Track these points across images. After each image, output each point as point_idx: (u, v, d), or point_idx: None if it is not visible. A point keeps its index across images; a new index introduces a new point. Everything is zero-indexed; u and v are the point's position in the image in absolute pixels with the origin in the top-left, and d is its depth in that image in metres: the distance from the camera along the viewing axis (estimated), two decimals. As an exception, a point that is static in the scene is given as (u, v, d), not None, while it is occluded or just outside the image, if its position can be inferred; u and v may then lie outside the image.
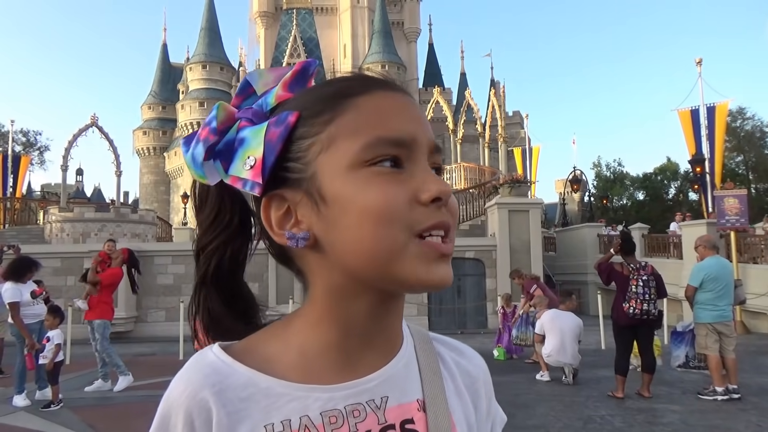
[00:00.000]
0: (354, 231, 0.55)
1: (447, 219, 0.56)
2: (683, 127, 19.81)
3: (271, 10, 60.33)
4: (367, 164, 0.56)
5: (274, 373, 0.58)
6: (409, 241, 0.55)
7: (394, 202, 0.54)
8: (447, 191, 0.56)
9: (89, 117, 25.39)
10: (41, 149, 44.98)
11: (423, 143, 0.58)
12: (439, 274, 0.56)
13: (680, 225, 17.03)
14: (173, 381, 0.59)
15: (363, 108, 0.58)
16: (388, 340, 0.63)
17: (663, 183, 49.41)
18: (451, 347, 0.72)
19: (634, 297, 6.60)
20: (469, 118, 33.01)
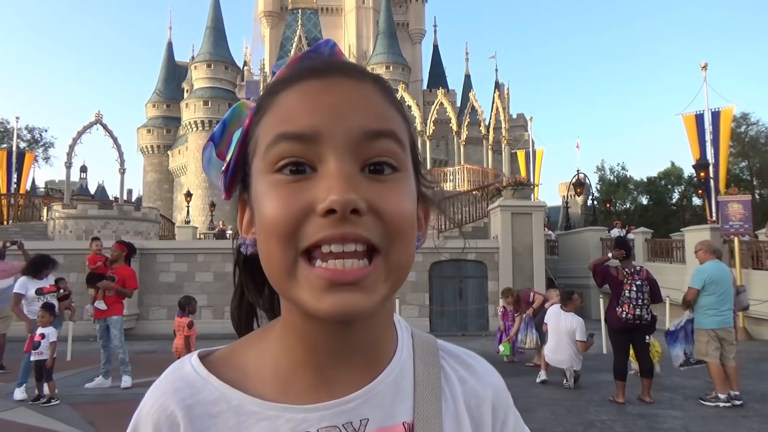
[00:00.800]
0: (260, 245, 0.52)
1: (341, 231, 0.48)
2: (688, 132, 19.77)
3: (277, 10, 60.43)
4: (272, 170, 0.51)
5: (249, 388, 0.55)
6: (298, 263, 0.49)
7: (283, 215, 0.48)
8: (344, 200, 0.47)
9: (94, 114, 25.45)
10: (46, 146, 45.10)
11: (335, 135, 0.49)
12: (327, 304, 0.48)
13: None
14: (147, 392, 0.57)
15: (279, 104, 0.52)
16: (370, 355, 0.57)
17: (667, 187, 49.30)
18: (460, 361, 0.64)
19: (627, 302, 6.59)
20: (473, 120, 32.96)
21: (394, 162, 0.51)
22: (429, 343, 0.63)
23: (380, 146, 0.51)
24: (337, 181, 0.48)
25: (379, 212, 0.49)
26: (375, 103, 0.52)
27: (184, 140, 53.73)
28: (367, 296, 0.49)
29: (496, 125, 30.53)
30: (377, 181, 0.50)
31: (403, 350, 0.60)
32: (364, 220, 0.49)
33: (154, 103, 59.22)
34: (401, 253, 0.51)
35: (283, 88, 0.53)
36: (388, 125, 0.52)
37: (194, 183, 48.83)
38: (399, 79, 47.85)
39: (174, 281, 14.98)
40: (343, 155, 0.49)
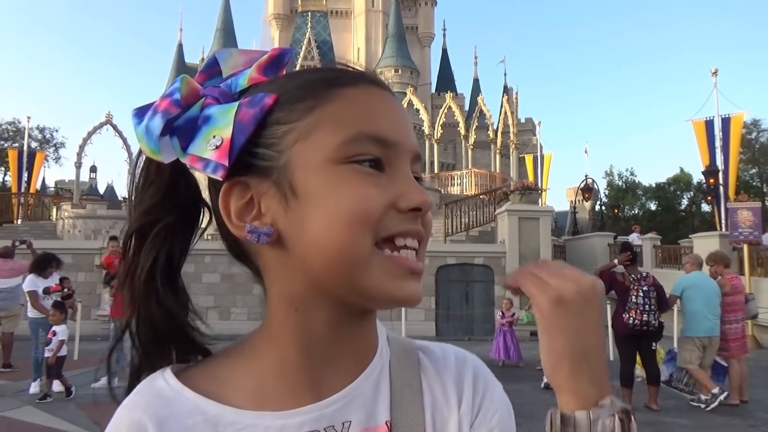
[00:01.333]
0: (322, 231, 0.50)
1: (418, 228, 0.54)
2: (697, 138, 19.65)
3: (286, 13, 60.76)
4: (346, 161, 0.51)
5: (226, 398, 0.54)
6: (375, 252, 0.51)
7: (370, 205, 0.51)
8: (428, 202, 0.53)
9: (104, 115, 25.65)
10: (57, 146, 45.47)
11: (407, 148, 0.55)
12: (408, 291, 0.52)
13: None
14: (120, 406, 0.55)
15: (351, 100, 0.53)
16: (355, 357, 0.57)
17: (676, 194, 49.08)
18: (432, 354, 0.64)
19: (634, 307, 6.55)
20: (482, 124, 32.95)
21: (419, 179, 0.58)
22: (403, 343, 0.64)
23: (418, 166, 0.57)
24: (416, 185, 0.54)
25: (425, 220, 0.55)
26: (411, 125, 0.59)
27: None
28: (421, 287, 0.55)
29: (504, 129, 30.52)
30: None
31: (382, 350, 0.60)
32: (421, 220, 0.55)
33: (164, 104, 59.67)
34: (424, 257, 0.56)
35: (346, 84, 0.54)
36: (418, 150, 0.58)
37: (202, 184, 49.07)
38: (407, 83, 47.93)
39: (181, 282, 15.06)
40: (408, 164, 0.55)
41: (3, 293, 8.66)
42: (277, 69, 0.58)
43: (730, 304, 7.08)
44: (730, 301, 7.08)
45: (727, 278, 7.21)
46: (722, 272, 7.24)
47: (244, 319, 14.20)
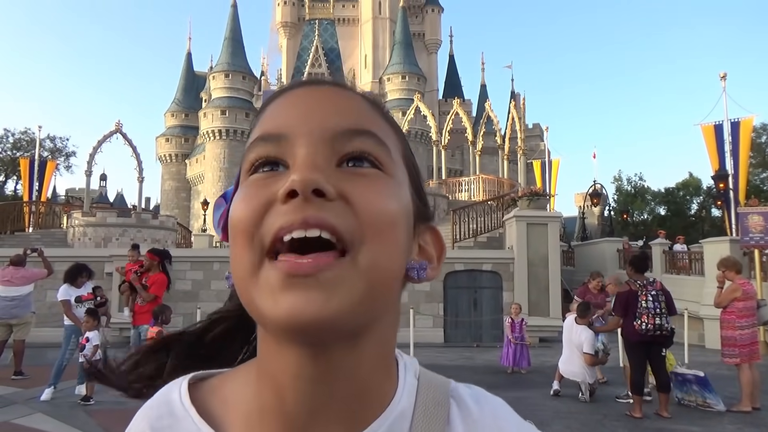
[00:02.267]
0: (231, 258, 0.47)
1: (302, 215, 0.42)
2: (706, 142, 19.54)
3: (294, 21, 61.09)
4: (249, 174, 0.47)
5: (223, 426, 0.50)
6: (262, 264, 0.43)
7: (245, 210, 0.44)
8: (305, 179, 0.42)
9: (114, 124, 25.87)
10: (68, 154, 45.89)
11: (306, 131, 0.46)
12: (283, 305, 0.41)
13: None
14: (137, 412, 0.55)
15: (261, 118, 0.50)
16: (354, 408, 0.47)
17: (685, 198, 48.67)
18: (466, 409, 0.52)
19: (645, 312, 6.48)
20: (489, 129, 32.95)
21: (375, 160, 0.47)
22: (437, 390, 0.52)
23: (358, 143, 0.46)
24: (300, 162, 0.44)
25: (351, 201, 0.44)
26: (356, 107, 0.49)
27: (201, 149, 54.32)
28: (326, 297, 0.41)
29: (511, 135, 30.44)
30: (355, 174, 0.46)
31: (401, 399, 0.49)
32: (331, 206, 0.43)
33: (173, 112, 60.03)
34: (376, 253, 0.43)
35: (268, 104, 0.51)
36: (366, 126, 0.48)
37: (211, 191, 49.28)
38: (415, 89, 47.97)
39: (190, 289, 15.10)
40: (315, 147, 0.45)
41: (15, 301, 8.74)
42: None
43: (742, 310, 7.01)
44: (742, 307, 7.02)
45: (739, 283, 7.15)
46: (733, 278, 7.18)
47: (253, 326, 14.20)
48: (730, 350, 7.00)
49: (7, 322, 8.73)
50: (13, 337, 8.84)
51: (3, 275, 8.77)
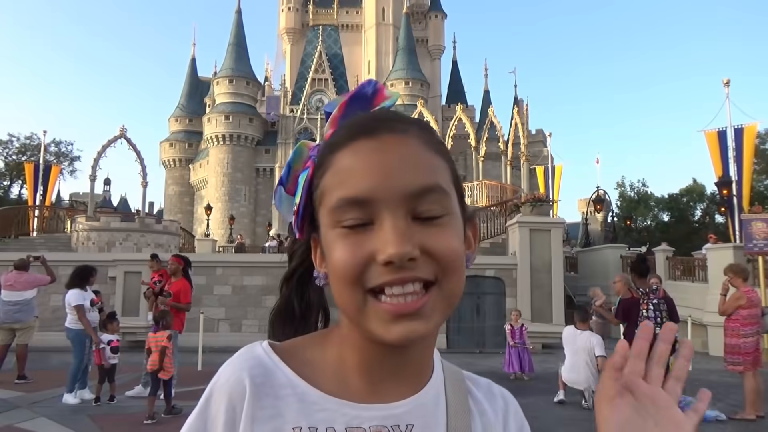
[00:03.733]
0: (333, 285, 0.60)
1: (400, 276, 0.56)
2: (710, 149, 19.50)
3: (298, 27, 61.32)
4: (336, 225, 0.58)
5: (311, 379, 0.62)
6: (367, 300, 0.57)
7: (349, 264, 0.56)
8: (401, 253, 0.55)
9: (118, 129, 25.98)
10: (72, 159, 46.04)
11: (388, 195, 0.56)
12: (395, 334, 0.56)
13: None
14: (222, 367, 0.63)
15: (338, 165, 0.59)
16: (416, 373, 0.64)
17: (689, 205, 48.53)
18: (478, 384, 0.72)
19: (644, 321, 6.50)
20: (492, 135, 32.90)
21: (440, 213, 0.58)
22: (455, 371, 0.71)
23: (428, 200, 0.58)
24: (392, 235, 0.55)
25: (432, 253, 0.57)
26: (421, 158, 0.59)
27: (205, 154, 54.46)
28: (426, 323, 0.57)
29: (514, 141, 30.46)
30: (428, 225, 0.58)
31: (438, 372, 0.68)
32: (418, 263, 0.56)
33: (177, 117, 60.24)
34: (453, 282, 0.58)
35: (339, 148, 0.60)
36: (432, 179, 0.59)
37: (214, 196, 49.37)
38: (418, 95, 48.06)
39: (193, 294, 15.10)
40: (396, 211, 0.57)
41: (18, 305, 8.75)
42: (358, 109, 0.65)
43: (747, 318, 6.98)
44: (747, 315, 6.98)
45: (743, 291, 7.12)
46: (739, 285, 7.16)
47: (255, 331, 14.18)
48: (735, 358, 6.97)
49: (11, 327, 8.74)
50: (16, 341, 8.85)
51: (6, 279, 8.80)
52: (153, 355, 6.61)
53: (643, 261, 7.18)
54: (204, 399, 0.62)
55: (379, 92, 0.66)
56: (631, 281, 7.07)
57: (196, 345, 10.68)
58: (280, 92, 55.46)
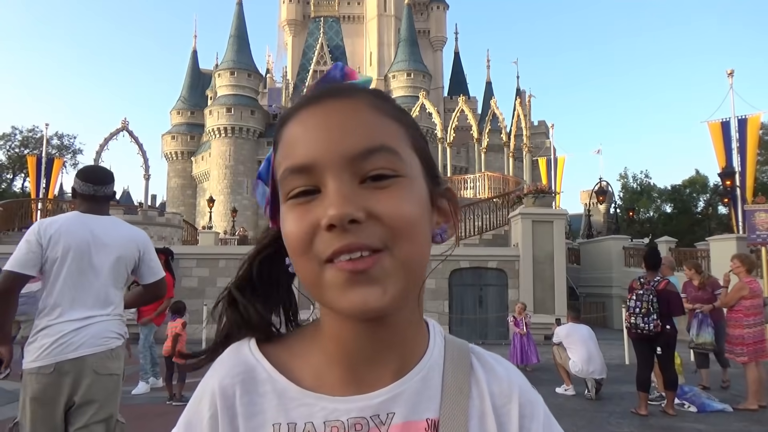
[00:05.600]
0: (293, 263, 0.59)
1: (346, 243, 0.53)
2: (713, 140, 19.44)
3: (299, 19, 61.09)
4: (287, 199, 0.57)
5: (293, 375, 0.61)
6: (323, 268, 0.55)
7: (297, 233, 0.55)
8: (340, 214, 0.52)
9: (120, 122, 26.01)
10: (75, 152, 46.11)
11: (330, 160, 0.55)
12: (350, 299, 0.54)
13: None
14: (211, 367, 0.64)
15: (285, 138, 0.59)
16: (398, 356, 0.61)
17: (692, 196, 48.45)
18: (484, 362, 0.68)
19: (628, 310, 6.70)
20: (494, 127, 32.86)
21: (390, 173, 0.56)
22: (460, 346, 0.68)
23: (373, 161, 0.55)
24: (333, 198, 0.53)
25: (378, 217, 0.54)
26: (365, 119, 0.57)
27: (207, 147, 54.47)
28: (382, 291, 0.54)
29: (517, 132, 30.40)
30: (377, 189, 0.55)
31: (433, 351, 0.64)
32: (364, 227, 0.53)
33: (179, 110, 60.22)
34: (406, 247, 0.55)
35: (287, 121, 0.60)
36: (377, 140, 0.56)
37: (216, 188, 49.43)
38: (420, 86, 47.95)
39: (196, 286, 15.16)
40: (340, 174, 0.55)
41: (23, 297, 8.74)
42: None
43: (749, 308, 6.99)
44: (749, 305, 6.99)
45: (746, 281, 7.12)
46: (742, 274, 7.16)
47: (259, 323, 14.24)
48: (738, 349, 6.98)
49: (16, 319, 8.78)
50: (21, 333, 8.88)
51: (11, 272, 8.85)
52: (167, 341, 6.95)
53: (655, 254, 7.14)
54: (193, 400, 0.63)
55: (349, 75, 0.64)
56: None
57: (199, 337, 10.74)
58: (282, 84, 55.39)
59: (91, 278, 2.70)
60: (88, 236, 2.72)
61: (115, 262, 2.77)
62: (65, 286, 2.67)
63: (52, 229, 2.69)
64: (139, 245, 2.89)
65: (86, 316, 2.66)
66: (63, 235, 2.68)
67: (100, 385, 2.62)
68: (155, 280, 2.95)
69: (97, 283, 2.71)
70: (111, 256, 2.75)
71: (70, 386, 2.58)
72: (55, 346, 2.60)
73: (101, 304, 2.72)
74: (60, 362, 2.58)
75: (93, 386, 2.60)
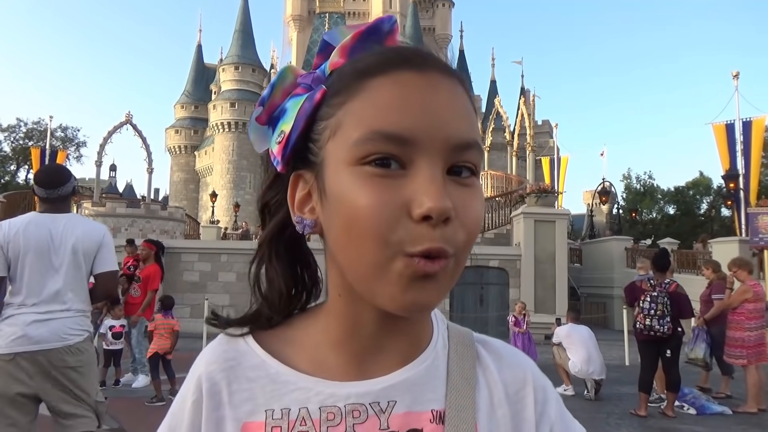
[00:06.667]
0: (342, 236, 0.51)
1: (437, 245, 0.48)
2: (717, 142, 19.37)
3: (304, 14, 61.03)
4: (360, 162, 0.49)
5: (288, 359, 0.58)
6: (395, 258, 0.48)
7: (379, 214, 0.48)
8: (441, 209, 0.47)
9: (124, 115, 26.00)
10: (78, 144, 46.18)
11: (432, 140, 0.49)
12: (413, 298, 0.49)
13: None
14: (201, 352, 0.62)
15: (372, 93, 0.50)
16: (406, 344, 0.58)
17: (695, 198, 48.31)
18: (492, 350, 0.64)
19: (640, 312, 6.58)
20: (498, 125, 32.80)
21: (475, 169, 0.52)
22: (464, 335, 0.64)
23: (468, 155, 0.51)
24: (433, 187, 0.48)
25: (463, 221, 0.50)
26: (468, 111, 0.52)
27: (210, 141, 54.49)
28: (438, 293, 0.50)
29: (520, 131, 30.30)
30: (460, 185, 0.51)
31: (438, 340, 0.61)
32: (451, 228, 0.49)
33: (183, 104, 60.25)
34: (467, 255, 0.53)
35: (374, 75, 0.51)
36: (474, 135, 0.52)
37: (219, 183, 49.49)
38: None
39: (198, 280, 15.19)
40: (436, 159, 0.49)
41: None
42: (372, 44, 0.56)
43: (752, 311, 6.98)
44: (752, 308, 6.98)
45: (749, 284, 7.11)
46: (744, 278, 7.14)
47: (259, 318, 14.27)
48: (738, 351, 6.97)
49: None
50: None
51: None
52: (162, 338, 6.86)
53: (665, 256, 7.13)
54: (184, 384, 0.61)
55: (394, 33, 0.58)
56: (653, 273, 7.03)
57: (200, 331, 10.75)
58: (286, 80, 55.35)
59: (51, 276, 2.84)
60: (46, 236, 2.86)
61: (74, 259, 2.90)
62: (26, 284, 2.80)
63: (11, 233, 2.82)
64: (96, 241, 3.03)
65: (46, 310, 2.80)
66: (22, 237, 2.82)
67: (58, 376, 2.79)
68: (104, 270, 3.06)
69: (57, 280, 2.85)
70: (69, 254, 2.89)
71: (26, 376, 2.73)
72: (14, 337, 2.73)
73: (61, 301, 2.84)
74: (19, 353, 2.72)
75: (51, 378, 2.78)
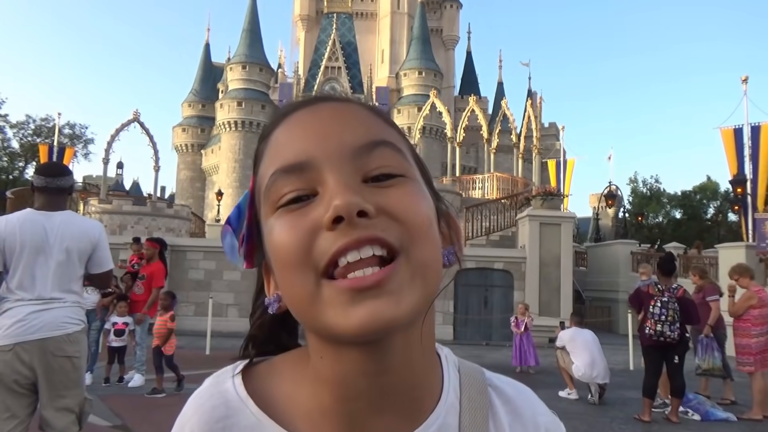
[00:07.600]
0: (280, 281, 0.49)
1: (354, 237, 0.44)
2: (725, 146, 19.27)
3: (312, 14, 61.07)
4: (278, 206, 0.48)
5: (283, 419, 0.52)
6: (320, 284, 0.45)
7: (291, 240, 0.46)
8: (348, 202, 0.44)
9: (132, 113, 26.11)
10: (86, 142, 46.37)
11: (329, 154, 0.47)
12: (356, 317, 0.44)
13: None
14: (187, 403, 0.55)
15: (272, 143, 0.51)
16: (409, 401, 0.51)
17: (702, 202, 48.07)
18: (505, 399, 0.58)
19: (650, 317, 6.50)
20: (505, 127, 32.74)
21: (395, 171, 0.49)
22: (477, 379, 0.57)
23: (378, 156, 0.48)
24: (336, 188, 0.45)
25: (391, 212, 0.46)
26: (363, 119, 0.50)
27: (217, 140, 54.63)
28: (395, 301, 0.44)
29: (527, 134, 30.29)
30: (382, 188, 0.47)
31: (449, 392, 0.54)
32: (376, 222, 0.45)
33: (190, 102, 60.41)
34: (424, 251, 0.47)
35: (273, 128, 0.52)
36: (379, 136, 0.50)
37: (225, 182, 49.59)
38: (431, 85, 47.82)
39: (202, 278, 15.24)
40: (341, 170, 0.47)
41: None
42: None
43: (757, 318, 6.93)
44: (757, 314, 6.94)
45: (754, 290, 7.07)
46: (748, 284, 7.10)
47: (264, 317, 14.31)
48: (745, 358, 6.93)
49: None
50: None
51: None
52: (158, 335, 7.08)
53: (671, 260, 7.10)
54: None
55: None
56: (658, 278, 6.99)
57: (205, 329, 10.79)
58: (293, 79, 55.40)
59: (46, 270, 2.89)
60: (41, 233, 2.90)
61: (68, 256, 2.95)
62: (23, 278, 2.85)
63: (7, 229, 2.86)
64: (91, 239, 3.07)
65: (43, 301, 2.85)
66: (18, 234, 2.86)
67: (56, 365, 2.82)
68: (99, 272, 3.14)
69: (53, 274, 2.90)
70: (64, 252, 2.93)
71: (26, 367, 2.77)
72: (14, 328, 2.76)
73: (57, 294, 2.90)
74: (19, 343, 2.76)
75: (49, 367, 2.81)
